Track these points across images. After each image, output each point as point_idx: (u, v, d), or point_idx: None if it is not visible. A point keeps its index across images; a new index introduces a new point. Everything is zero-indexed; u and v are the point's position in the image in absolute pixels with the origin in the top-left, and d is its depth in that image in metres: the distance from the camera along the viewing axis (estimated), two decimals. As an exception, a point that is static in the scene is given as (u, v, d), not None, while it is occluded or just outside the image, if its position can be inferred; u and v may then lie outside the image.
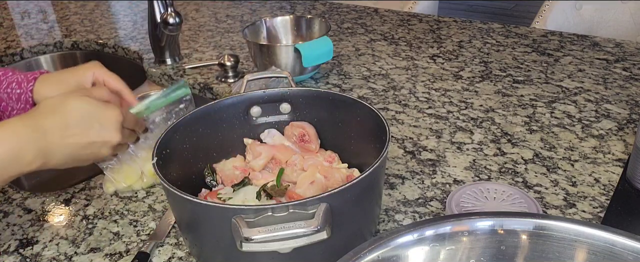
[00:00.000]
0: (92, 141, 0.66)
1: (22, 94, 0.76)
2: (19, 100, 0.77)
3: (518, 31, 1.40)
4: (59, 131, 0.64)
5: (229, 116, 0.79)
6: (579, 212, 0.74)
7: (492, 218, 0.52)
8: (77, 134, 0.65)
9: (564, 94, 1.06)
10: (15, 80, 0.77)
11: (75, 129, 0.65)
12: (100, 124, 0.66)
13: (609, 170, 0.82)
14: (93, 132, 0.66)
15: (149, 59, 1.32)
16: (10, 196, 0.85)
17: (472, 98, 1.07)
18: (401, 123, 0.99)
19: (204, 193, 0.76)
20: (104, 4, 1.85)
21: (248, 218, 0.55)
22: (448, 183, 0.81)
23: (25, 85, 0.76)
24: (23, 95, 0.76)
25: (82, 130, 0.65)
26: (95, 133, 0.66)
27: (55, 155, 0.64)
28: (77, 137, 0.65)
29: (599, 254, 0.49)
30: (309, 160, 0.77)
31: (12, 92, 0.76)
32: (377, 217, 0.71)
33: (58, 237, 0.75)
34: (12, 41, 1.54)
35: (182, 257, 0.70)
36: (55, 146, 0.64)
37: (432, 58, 1.26)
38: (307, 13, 1.65)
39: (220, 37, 1.46)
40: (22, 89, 0.76)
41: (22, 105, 0.77)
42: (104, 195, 0.84)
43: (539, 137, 0.92)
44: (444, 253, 0.51)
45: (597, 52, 1.25)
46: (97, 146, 0.67)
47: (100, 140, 0.66)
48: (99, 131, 0.66)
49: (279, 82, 1.02)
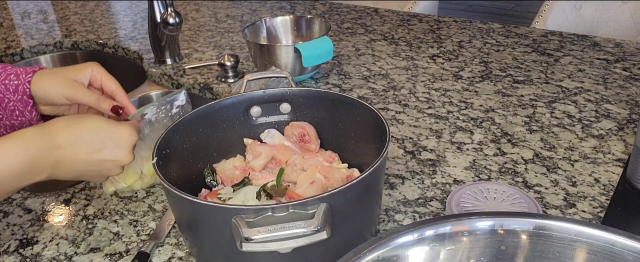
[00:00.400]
0: (104, 159, 0.66)
1: (19, 85, 0.76)
2: (16, 91, 0.76)
3: (518, 31, 1.40)
4: (72, 146, 0.64)
5: (229, 116, 0.79)
6: (579, 212, 0.74)
7: (492, 218, 0.52)
8: (89, 151, 0.65)
9: (564, 94, 1.06)
10: (14, 73, 0.77)
11: (88, 146, 0.65)
12: (114, 142, 0.66)
13: (609, 170, 0.82)
14: (106, 151, 0.66)
15: (149, 59, 1.32)
16: (10, 196, 0.85)
17: (472, 98, 1.07)
18: (401, 123, 0.99)
19: (204, 193, 0.76)
20: (104, 4, 1.85)
21: (248, 218, 0.55)
22: (448, 183, 0.81)
23: (23, 77, 0.76)
24: (20, 87, 0.76)
25: (95, 147, 0.65)
26: (108, 152, 0.66)
27: (64, 168, 0.64)
28: (90, 154, 0.65)
29: (599, 254, 0.49)
30: (309, 160, 0.77)
31: (9, 84, 0.76)
32: (377, 217, 0.71)
33: (58, 237, 0.75)
34: (12, 41, 1.54)
35: (182, 257, 0.70)
36: (67, 160, 0.64)
37: (432, 58, 1.26)
38: (307, 13, 1.65)
39: (220, 37, 1.46)
40: (20, 80, 0.76)
41: (18, 96, 0.76)
42: (104, 195, 0.84)
43: (539, 137, 0.92)
44: (444, 253, 0.51)
45: (597, 52, 1.25)
46: (108, 165, 0.67)
47: (112, 158, 0.66)
48: (112, 150, 0.66)
49: (279, 82, 1.02)
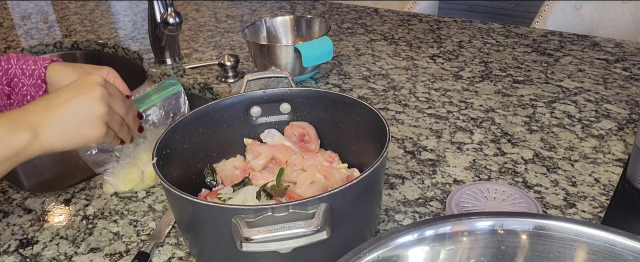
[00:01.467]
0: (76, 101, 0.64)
1: (35, 70, 0.77)
2: (31, 76, 0.78)
3: (518, 31, 1.40)
4: (43, 103, 0.64)
5: (229, 116, 0.79)
6: (579, 212, 0.74)
7: (492, 218, 0.52)
8: (61, 103, 0.64)
9: (564, 94, 1.06)
10: (32, 59, 0.80)
11: (58, 99, 0.64)
12: (82, 83, 0.66)
13: (609, 170, 0.82)
14: (75, 92, 0.65)
15: (149, 59, 1.32)
16: (10, 196, 0.85)
17: (472, 98, 1.07)
18: (401, 123, 0.99)
19: (204, 193, 0.76)
20: (104, 4, 1.85)
21: (248, 218, 0.55)
22: (448, 183, 0.81)
23: (40, 63, 0.78)
24: (36, 71, 0.77)
25: (65, 96, 0.64)
26: (77, 92, 0.65)
27: (44, 127, 0.63)
28: (62, 104, 0.64)
29: (599, 254, 0.49)
30: (309, 160, 0.77)
31: (26, 68, 0.78)
32: (377, 217, 0.71)
33: (58, 237, 0.75)
34: (12, 41, 1.54)
35: (182, 257, 0.70)
36: (41, 118, 0.63)
37: (432, 58, 1.26)
38: (307, 13, 1.65)
39: (220, 37, 1.46)
40: (36, 65, 0.78)
41: (33, 80, 0.77)
42: (104, 195, 0.84)
43: (539, 137, 0.92)
44: (444, 253, 0.51)
45: (597, 52, 1.25)
46: (85, 111, 0.65)
47: (83, 96, 0.65)
48: (79, 89, 0.65)
49: (279, 82, 1.02)
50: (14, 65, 0.79)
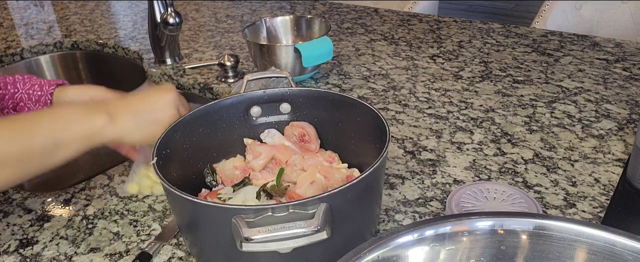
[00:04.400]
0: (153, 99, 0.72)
1: (42, 96, 0.80)
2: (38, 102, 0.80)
3: (518, 31, 1.40)
4: (122, 99, 0.73)
5: (229, 116, 0.79)
6: (579, 212, 0.74)
7: (492, 218, 0.52)
8: (138, 99, 0.72)
9: (564, 94, 1.06)
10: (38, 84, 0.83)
11: (135, 97, 0.73)
12: (158, 87, 0.74)
13: (609, 170, 0.82)
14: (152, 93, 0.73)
15: (149, 59, 1.32)
16: (10, 196, 0.85)
17: (472, 98, 1.07)
18: (401, 123, 0.99)
19: (204, 193, 0.76)
20: (104, 4, 1.85)
21: (248, 218, 0.55)
22: (448, 183, 0.81)
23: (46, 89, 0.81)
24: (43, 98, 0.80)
25: (142, 95, 0.73)
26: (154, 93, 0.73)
27: (120, 115, 0.69)
28: (139, 100, 0.72)
29: (599, 254, 0.49)
30: (309, 160, 0.77)
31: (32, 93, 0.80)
32: (377, 217, 0.71)
33: (58, 237, 0.75)
34: (12, 41, 1.54)
35: (182, 257, 0.70)
36: (119, 107, 0.70)
37: (432, 58, 1.26)
38: (307, 13, 1.65)
39: (220, 37, 1.46)
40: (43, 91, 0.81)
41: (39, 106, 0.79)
42: (104, 195, 0.84)
43: (539, 137, 0.92)
44: (444, 253, 0.51)
45: (597, 52, 1.25)
46: (158, 109, 0.71)
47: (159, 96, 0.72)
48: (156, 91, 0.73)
49: (279, 82, 1.02)
50: (21, 89, 0.82)
